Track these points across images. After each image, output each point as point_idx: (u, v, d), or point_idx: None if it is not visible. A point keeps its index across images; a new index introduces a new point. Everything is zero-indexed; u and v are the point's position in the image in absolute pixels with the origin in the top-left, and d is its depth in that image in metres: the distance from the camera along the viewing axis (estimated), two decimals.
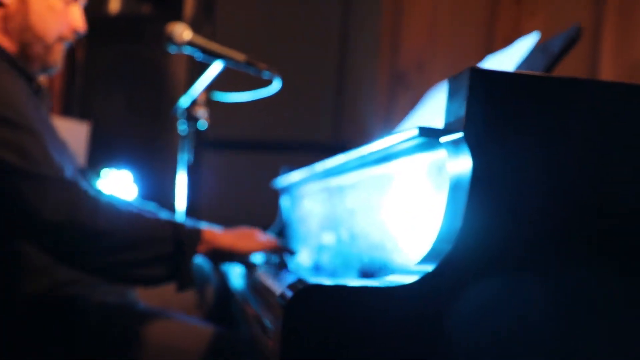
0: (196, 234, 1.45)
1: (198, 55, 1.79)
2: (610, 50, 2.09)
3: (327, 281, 0.90)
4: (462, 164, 0.96)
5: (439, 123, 1.55)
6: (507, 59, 1.54)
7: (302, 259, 1.91)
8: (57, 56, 1.51)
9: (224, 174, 3.00)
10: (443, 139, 1.01)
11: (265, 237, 1.65)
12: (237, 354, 1.54)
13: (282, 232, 2.22)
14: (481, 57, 2.69)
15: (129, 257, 1.34)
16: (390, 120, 2.68)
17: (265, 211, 2.49)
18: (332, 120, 3.06)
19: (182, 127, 2.19)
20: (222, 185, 2.93)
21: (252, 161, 3.07)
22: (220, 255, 1.51)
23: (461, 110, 0.96)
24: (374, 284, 0.91)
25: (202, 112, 2.14)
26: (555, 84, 0.97)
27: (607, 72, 2.08)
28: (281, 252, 1.67)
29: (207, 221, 2.13)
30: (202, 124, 2.18)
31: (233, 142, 3.06)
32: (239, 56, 1.72)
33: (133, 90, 1.84)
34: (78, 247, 1.32)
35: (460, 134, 0.95)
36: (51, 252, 1.36)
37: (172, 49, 1.80)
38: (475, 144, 0.94)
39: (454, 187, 0.98)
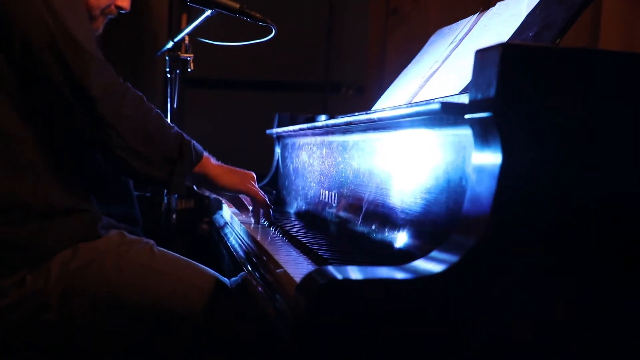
0: (198, 154, 1.56)
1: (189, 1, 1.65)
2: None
3: (352, 273, 0.86)
4: (491, 147, 0.89)
5: (445, 77, 1.48)
6: (519, 7, 1.44)
7: (293, 212, 1.87)
8: (98, 25, 1.65)
9: (213, 115, 2.89)
10: (468, 116, 0.94)
11: (256, 187, 1.70)
12: (238, 309, 1.55)
13: (275, 180, 2.16)
14: None
15: (139, 148, 1.45)
16: (384, 58, 2.57)
17: (257, 153, 2.43)
18: (324, 58, 2.93)
19: (167, 69, 2.09)
20: (213, 126, 2.84)
21: (243, 101, 2.95)
22: (206, 181, 1.63)
23: (491, 89, 0.88)
24: (401, 275, 0.87)
25: (187, 55, 2.05)
26: (604, 58, 0.87)
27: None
28: (266, 214, 1.71)
29: None
30: (188, 66, 2.09)
31: (223, 82, 2.94)
32: (233, 4, 1.59)
33: (111, 32, 1.73)
34: (102, 123, 1.40)
35: (488, 114, 0.88)
36: (80, 126, 1.44)
37: None
38: (507, 127, 0.87)
39: (480, 171, 0.91)
